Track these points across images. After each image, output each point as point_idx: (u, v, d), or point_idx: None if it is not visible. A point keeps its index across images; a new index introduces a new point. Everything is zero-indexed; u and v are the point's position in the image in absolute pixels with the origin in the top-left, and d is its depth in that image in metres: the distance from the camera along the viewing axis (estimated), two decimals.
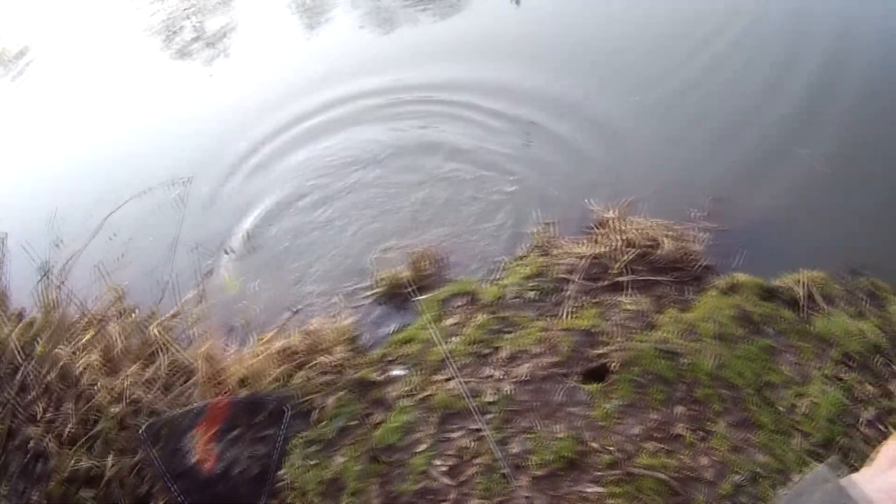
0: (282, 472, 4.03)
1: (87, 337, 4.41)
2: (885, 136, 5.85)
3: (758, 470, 3.84)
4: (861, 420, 4.06)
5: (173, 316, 4.52)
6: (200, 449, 4.05)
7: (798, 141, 5.91)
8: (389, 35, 9.05)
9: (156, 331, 4.37)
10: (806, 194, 5.48)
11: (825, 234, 5.16)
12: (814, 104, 6.37)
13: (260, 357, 4.24)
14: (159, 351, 4.35)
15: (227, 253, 5.43)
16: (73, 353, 4.39)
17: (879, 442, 4.46)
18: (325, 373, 4.26)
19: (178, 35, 10.22)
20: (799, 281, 4.71)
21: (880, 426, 4.05)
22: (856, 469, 1.25)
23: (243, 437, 4.13)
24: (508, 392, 4.14)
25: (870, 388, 4.25)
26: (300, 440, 4.11)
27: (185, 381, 4.31)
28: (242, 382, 4.22)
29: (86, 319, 4.53)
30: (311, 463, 4.05)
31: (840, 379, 4.28)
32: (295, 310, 4.94)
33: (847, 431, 3.97)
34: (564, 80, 7.16)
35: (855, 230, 5.16)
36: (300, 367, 4.31)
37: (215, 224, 5.88)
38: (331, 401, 4.15)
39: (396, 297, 4.98)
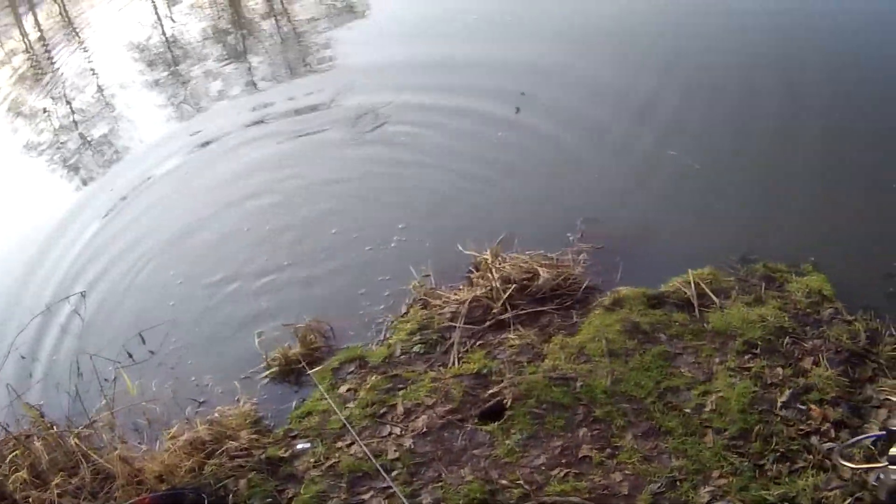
0: None
1: (13, 455, 4.55)
2: (749, 119, 5.88)
3: (674, 474, 3.84)
4: (777, 404, 4.05)
5: (88, 425, 4.66)
6: None
7: (665, 144, 5.97)
8: None
9: (74, 441, 4.51)
10: (679, 195, 5.52)
11: (707, 230, 5.20)
12: (671, 103, 6.48)
13: (171, 452, 4.36)
14: (81, 460, 4.48)
15: (129, 356, 5.59)
16: (5, 473, 4.54)
17: (801, 423, 4.41)
18: (234, 457, 4.34)
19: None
20: (687, 281, 4.75)
21: (799, 406, 4.04)
22: None
23: None
24: (410, 446, 4.19)
25: (780, 370, 4.25)
26: None
27: (110, 485, 4.41)
28: (160, 478, 4.32)
29: (11, 440, 4.68)
30: None
31: (746, 369, 4.28)
32: (200, 401, 5.07)
33: (763, 418, 3.97)
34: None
35: (738, 220, 5.20)
36: (210, 455, 4.40)
37: (112, 331, 6.02)
38: (243, 483, 4.23)
39: (291, 373, 5.07)
